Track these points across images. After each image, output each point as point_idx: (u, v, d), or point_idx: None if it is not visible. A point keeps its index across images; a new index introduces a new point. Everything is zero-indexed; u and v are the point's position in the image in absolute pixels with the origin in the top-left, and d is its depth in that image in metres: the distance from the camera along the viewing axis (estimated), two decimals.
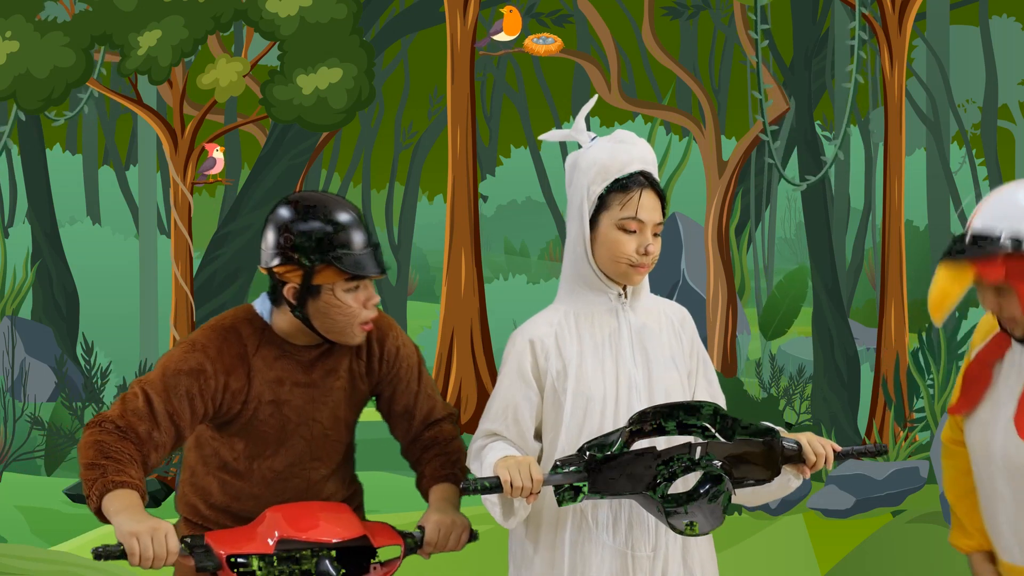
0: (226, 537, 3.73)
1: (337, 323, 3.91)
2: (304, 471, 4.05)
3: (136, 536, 3.58)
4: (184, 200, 10.79)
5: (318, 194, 3.98)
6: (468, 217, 11.59)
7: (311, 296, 3.89)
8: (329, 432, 4.05)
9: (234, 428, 3.99)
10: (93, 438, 3.78)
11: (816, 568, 7.98)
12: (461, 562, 7.97)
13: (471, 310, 11.66)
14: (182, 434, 3.90)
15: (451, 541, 3.93)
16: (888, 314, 10.13)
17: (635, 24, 16.64)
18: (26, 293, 13.69)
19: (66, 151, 19.79)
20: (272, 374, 3.97)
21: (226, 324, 4.00)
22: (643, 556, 3.86)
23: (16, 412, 10.72)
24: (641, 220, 3.89)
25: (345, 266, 3.85)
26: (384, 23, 14.31)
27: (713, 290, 12.64)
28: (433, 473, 4.09)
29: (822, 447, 3.87)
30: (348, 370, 4.06)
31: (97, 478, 3.72)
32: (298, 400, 4.00)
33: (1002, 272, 3.73)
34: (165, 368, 3.90)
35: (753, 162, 13.14)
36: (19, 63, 9.91)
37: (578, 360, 3.88)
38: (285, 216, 3.90)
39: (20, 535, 9.18)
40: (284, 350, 3.99)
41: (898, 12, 10.15)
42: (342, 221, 3.89)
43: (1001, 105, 17.07)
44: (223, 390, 3.93)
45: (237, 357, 3.95)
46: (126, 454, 3.78)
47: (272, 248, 3.91)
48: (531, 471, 3.68)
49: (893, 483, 8.71)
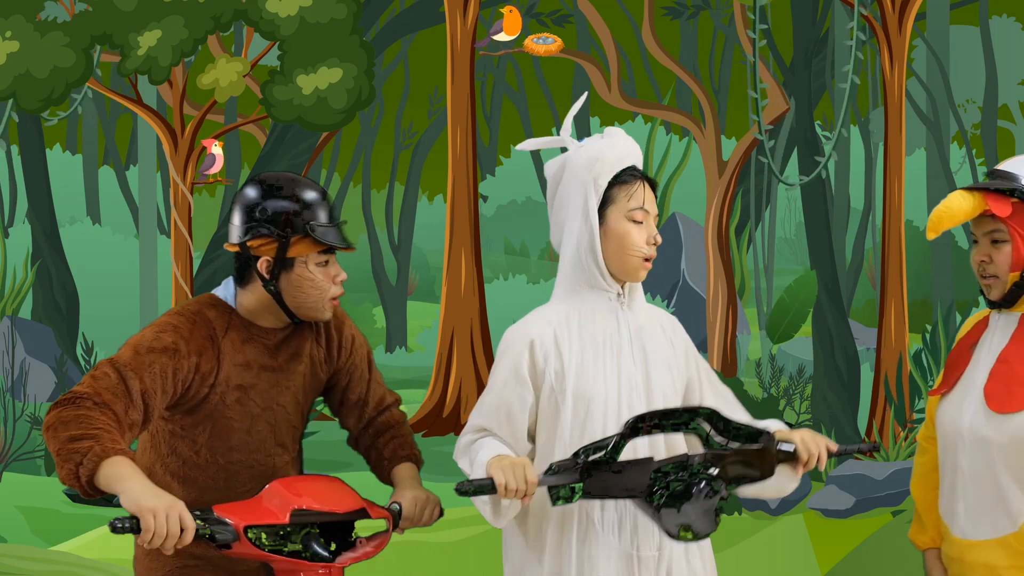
0: (235, 510, 3.70)
1: (310, 297, 3.99)
2: (268, 458, 4.06)
3: (153, 512, 3.54)
4: (184, 200, 10.79)
5: (284, 173, 4.07)
6: (468, 217, 11.59)
7: (284, 269, 3.96)
8: (291, 417, 4.10)
9: (199, 415, 3.98)
10: (72, 412, 3.68)
11: (816, 568, 7.98)
12: (458, 560, 7.98)
13: (471, 310, 11.66)
14: (150, 415, 3.84)
15: (425, 516, 4.01)
16: (888, 314, 10.13)
17: (635, 24, 16.64)
18: (26, 293, 13.68)
19: (66, 151, 19.78)
20: (240, 357, 4.00)
21: (192, 308, 4.01)
22: (648, 556, 3.86)
23: (16, 412, 10.72)
24: (647, 211, 3.91)
25: (319, 236, 3.93)
26: (384, 23, 14.31)
27: (713, 290, 12.64)
28: (393, 454, 4.17)
29: (816, 446, 3.88)
30: (309, 355, 4.12)
31: (92, 446, 3.62)
32: (263, 385, 4.03)
33: (1008, 209, 3.89)
34: (137, 347, 3.86)
35: (753, 162, 13.13)
36: (19, 63, 9.92)
37: (579, 360, 3.87)
38: (255, 194, 3.98)
39: (20, 535, 9.18)
40: (251, 333, 4.02)
41: (898, 12, 10.15)
42: (311, 198, 3.98)
43: (1001, 105, 17.07)
44: (194, 371, 3.92)
45: (207, 339, 3.96)
46: (112, 427, 3.70)
47: (243, 224, 3.97)
48: (525, 473, 3.67)
49: (893, 483, 8.71)
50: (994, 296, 3.98)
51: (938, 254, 14.02)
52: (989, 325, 4.06)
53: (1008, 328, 4.00)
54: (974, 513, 3.96)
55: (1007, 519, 3.92)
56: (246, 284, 4.02)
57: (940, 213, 3.91)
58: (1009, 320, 4.01)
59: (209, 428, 3.99)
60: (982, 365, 4.01)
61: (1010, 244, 3.93)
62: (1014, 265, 3.93)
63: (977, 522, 3.96)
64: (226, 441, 4.01)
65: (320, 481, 3.89)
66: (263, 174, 4.07)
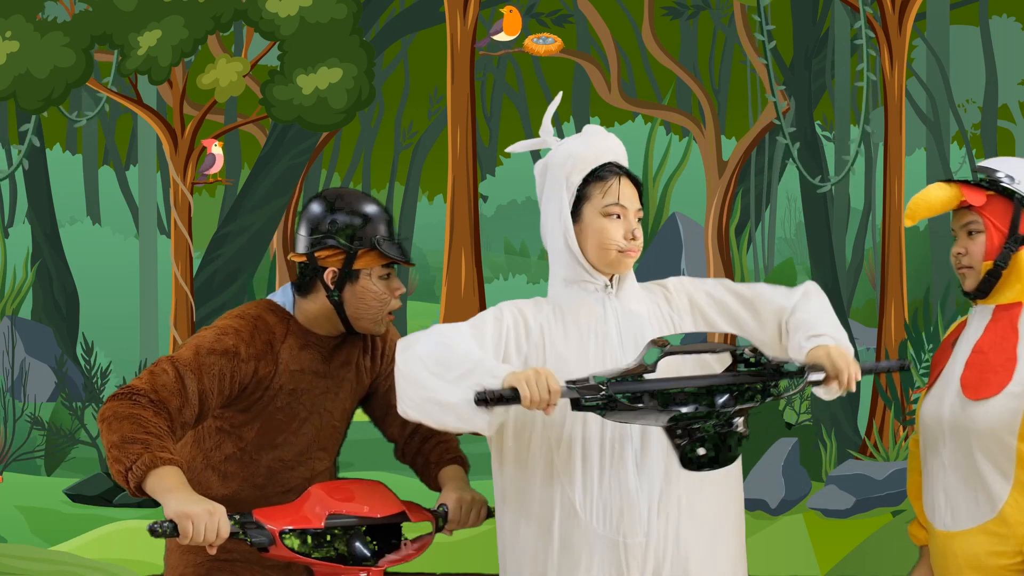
0: (274, 514, 3.75)
1: (371, 308, 4.09)
2: (310, 460, 4.14)
3: (191, 518, 3.64)
4: (184, 200, 10.79)
5: (348, 189, 4.19)
6: (468, 217, 11.59)
7: (350, 280, 4.08)
8: (336, 423, 4.17)
9: (250, 415, 4.04)
10: (128, 410, 3.78)
11: (816, 568, 7.98)
12: (459, 560, 7.99)
13: (471, 310, 11.65)
14: (204, 415, 3.94)
15: (472, 517, 4.04)
16: (888, 314, 10.13)
17: (635, 24, 16.64)
18: (26, 293, 13.68)
19: (66, 151, 19.78)
20: (296, 363, 4.08)
21: (252, 313, 4.09)
22: (635, 544, 3.80)
23: (16, 412, 10.72)
24: (623, 206, 3.91)
25: (384, 250, 4.06)
26: (384, 23, 14.30)
27: None
28: (439, 458, 4.21)
29: (845, 364, 3.79)
30: (356, 363, 4.20)
31: (141, 453, 3.72)
32: (314, 390, 4.10)
33: (983, 199, 4.08)
34: (198, 348, 3.95)
35: (753, 162, 13.14)
36: (19, 63, 9.91)
37: (560, 349, 3.87)
38: (322, 208, 4.11)
39: (20, 535, 9.18)
40: (308, 340, 4.10)
41: (898, 12, 10.15)
42: (375, 213, 4.12)
43: (1001, 105, 17.07)
44: (252, 375, 4.00)
45: (267, 344, 4.04)
46: (164, 429, 3.81)
47: (310, 235, 4.08)
48: (548, 382, 3.63)
49: (893, 483, 8.72)
50: (968, 286, 4.13)
51: (938, 254, 14.02)
52: (968, 320, 4.19)
53: (983, 319, 4.13)
54: (955, 503, 4.03)
55: (988, 505, 3.98)
56: (307, 293, 4.13)
57: (917, 201, 4.09)
58: (984, 312, 4.13)
59: (257, 427, 4.06)
60: (960, 358, 4.12)
61: (984, 234, 4.09)
62: (987, 254, 4.09)
63: (958, 512, 4.02)
64: (271, 440, 4.08)
65: (361, 485, 3.91)
66: (328, 190, 4.20)
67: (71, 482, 10.01)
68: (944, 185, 4.11)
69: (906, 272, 10.26)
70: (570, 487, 3.81)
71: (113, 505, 9.49)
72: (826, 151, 11.33)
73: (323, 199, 4.14)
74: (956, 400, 4.05)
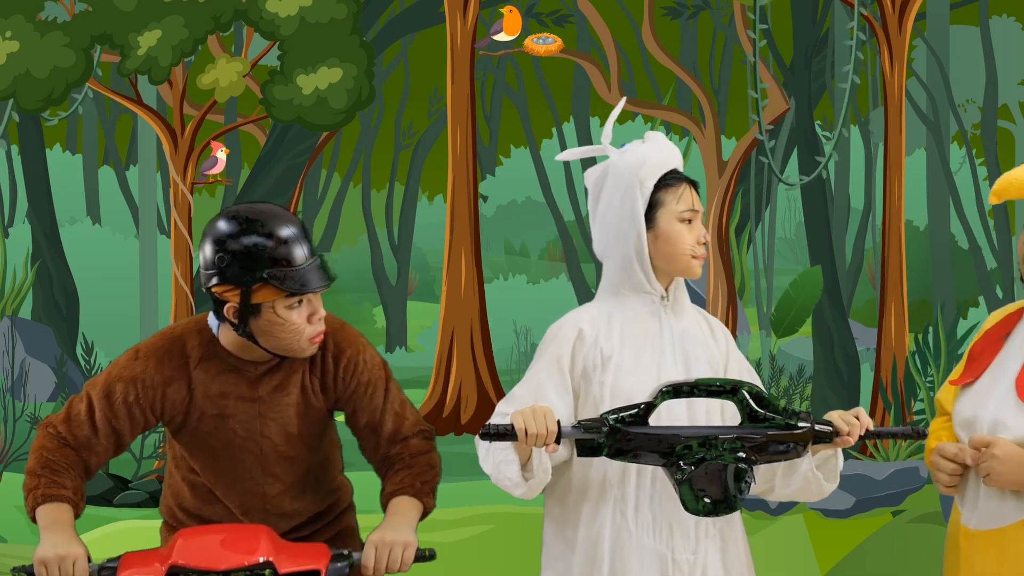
0: (136, 560, 3.68)
1: (283, 340, 3.79)
2: (258, 486, 3.96)
3: (44, 564, 3.65)
4: (184, 200, 10.79)
5: (257, 206, 3.81)
6: (468, 217, 11.59)
7: (252, 315, 3.76)
8: (280, 448, 3.93)
9: (183, 438, 3.95)
10: (39, 443, 3.85)
11: (816, 568, 7.98)
12: (459, 560, 7.98)
13: (471, 310, 11.66)
14: (121, 440, 3.89)
15: (391, 561, 3.69)
16: (888, 314, 10.13)
17: (635, 24, 16.64)
18: (26, 293, 13.68)
19: (66, 151, 19.78)
20: (215, 388, 3.89)
21: (175, 333, 3.93)
22: (683, 559, 3.82)
23: (16, 412, 10.72)
24: (696, 211, 3.94)
25: (283, 285, 3.72)
26: (384, 23, 14.31)
27: (713, 290, 12.64)
28: (392, 488, 3.88)
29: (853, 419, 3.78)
30: (300, 386, 3.92)
31: (32, 488, 3.81)
32: (244, 415, 3.90)
33: None
34: (109, 374, 3.90)
35: (753, 162, 13.14)
36: (19, 63, 9.92)
37: (618, 357, 3.85)
38: (222, 231, 3.75)
39: (20, 535, 9.17)
40: (229, 364, 3.88)
41: (898, 12, 10.15)
42: (281, 235, 3.73)
43: (1001, 105, 17.07)
44: (161, 400, 3.88)
45: (177, 368, 3.88)
46: (64, 463, 3.83)
47: (209, 266, 3.77)
48: (546, 419, 3.61)
49: (893, 483, 8.71)
50: None
51: (938, 254, 14.02)
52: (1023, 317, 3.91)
53: None
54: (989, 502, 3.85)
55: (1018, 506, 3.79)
56: (222, 321, 3.84)
57: (1008, 180, 3.81)
58: None
59: (196, 451, 3.97)
60: (1014, 355, 3.86)
61: None
62: None
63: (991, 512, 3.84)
64: (212, 465, 3.97)
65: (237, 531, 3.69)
66: (228, 209, 3.81)
67: None
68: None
69: (906, 272, 10.26)
70: (622, 500, 3.82)
71: (113, 505, 9.49)
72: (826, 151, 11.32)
73: (226, 219, 3.76)
74: (1007, 399, 3.81)
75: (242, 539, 3.64)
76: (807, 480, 3.88)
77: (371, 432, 3.96)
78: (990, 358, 3.91)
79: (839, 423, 3.77)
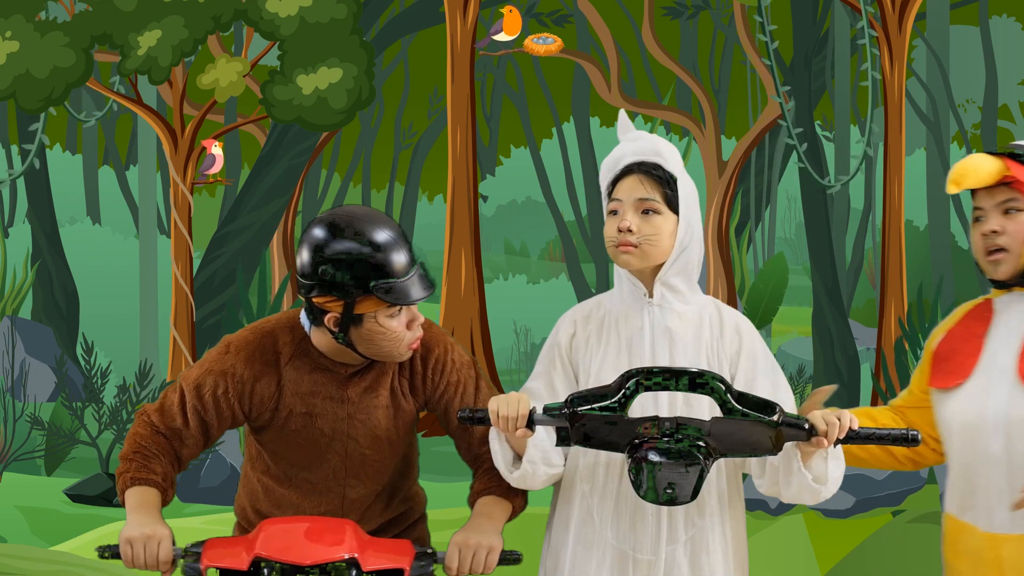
0: (220, 546, 3.67)
1: (383, 348, 3.77)
2: (339, 487, 3.95)
3: (130, 542, 3.70)
4: (184, 200, 10.79)
5: (355, 211, 3.76)
6: (468, 217, 11.59)
7: (353, 324, 3.73)
8: (367, 451, 3.92)
9: (268, 435, 3.95)
10: (133, 430, 3.92)
11: (816, 568, 7.98)
12: None
13: (471, 310, 11.66)
14: (210, 433, 3.91)
15: (475, 564, 3.68)
16: (888, 314, 10.13)
17: (635, 24, 16.64)
18: (26, 293, 13.68)
19: (66, 151, 19.78)
20: (305, 386, 3.88)
21: (267, 328, 3.93)
22: (643, 559, 3.76)
23: (16, 412, 10.72)
24: (619, 199, 3.82)
25: (388, 297, 3.69)
26: (384, 23, 14.31)
27: (713, 290, 12.64)
28: (481, 486, 3.89)
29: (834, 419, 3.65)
30: (390, 388, 3.91)
31: (123, 472, 3.86)
32: (332, 415, 3.89)
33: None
34: (201, 365, 3.92)
35: (753, 162, 13.15)
36: (19, 63, 9.92)
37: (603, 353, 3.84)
38: (320, 238, 3.70)
39: (20, 535, 9.18)
40: (319, 363, 3.87)
41: (898, 12, 10.15)
42: (381, 243, 3.69)
43: (1001, 105, 17.08)
44: (250, 395, 3.88)
45: (268, 364, 3.88)
46: (155, 449, 3.87)
47: (308, 276, 3.73)
48: (519, 404, 3.62)
49: (893, 483, 8.71)
50: (1003, 273, 3.78)
51: (938, 254, 14.02)
52: (996, 310, 3.86)
53: None
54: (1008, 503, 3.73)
55: None
56: (318, 326, 3.81)
57: (964, 168, 3.72)
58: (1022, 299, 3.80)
59: (280, 449, 3.95)
60: (1004, 349, 3.79)
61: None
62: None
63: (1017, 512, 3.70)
64: (295, 462, 3.95)
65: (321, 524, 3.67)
66: (329, 215, 3.75)
67: (71, 482, 10.01)
68: (988, 156, 3.74)
69: (906, 272, 10.26)
70: (590, 493, 3.80)
71: (113, 505, 9.50)
72: (826, 151, 11.32)
73: (323, 226, 3.71)
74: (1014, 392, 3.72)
75: (327, 532, 3.63)
76: (800, 481, 3.82)
77: (463, 431, 3.95)
78: (971, 358, 3.84)
79: (818, 422, 3.64)
